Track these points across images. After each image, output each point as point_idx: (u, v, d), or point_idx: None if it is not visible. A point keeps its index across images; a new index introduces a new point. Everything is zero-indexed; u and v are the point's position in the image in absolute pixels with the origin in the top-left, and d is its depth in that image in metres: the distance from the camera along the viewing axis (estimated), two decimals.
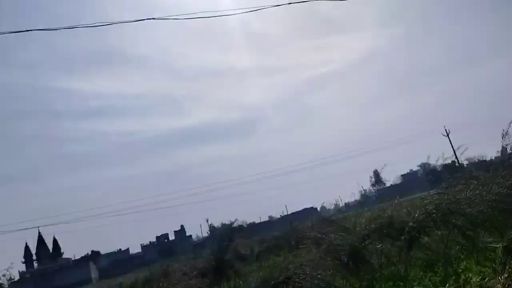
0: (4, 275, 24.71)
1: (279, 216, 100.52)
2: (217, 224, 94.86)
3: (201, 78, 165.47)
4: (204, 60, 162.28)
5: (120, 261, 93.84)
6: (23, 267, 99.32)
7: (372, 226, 9.34)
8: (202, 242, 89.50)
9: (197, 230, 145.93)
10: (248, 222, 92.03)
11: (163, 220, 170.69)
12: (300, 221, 34.43)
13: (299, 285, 7.33)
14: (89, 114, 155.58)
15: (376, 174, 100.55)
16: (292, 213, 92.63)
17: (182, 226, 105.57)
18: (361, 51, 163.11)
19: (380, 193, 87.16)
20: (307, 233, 12.13)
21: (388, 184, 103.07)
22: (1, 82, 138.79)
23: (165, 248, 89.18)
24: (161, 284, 8.43)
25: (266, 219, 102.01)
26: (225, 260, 10.19)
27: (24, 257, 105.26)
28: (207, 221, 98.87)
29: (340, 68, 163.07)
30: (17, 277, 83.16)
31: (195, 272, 9.48)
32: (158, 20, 10.29)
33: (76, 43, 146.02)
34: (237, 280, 9.27)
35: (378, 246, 9.08)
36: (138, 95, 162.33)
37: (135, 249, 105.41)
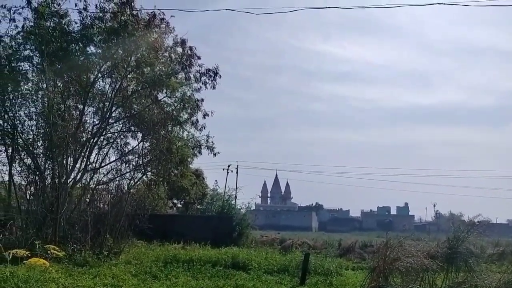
0: (248, 203, 29.77)
1: None
2: (444, 212, 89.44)
3: (456, 55, 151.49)
4: (461, 36, 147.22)
5: (339, 219, 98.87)
6: (259, 200, 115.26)
7: None
8: (424, 226, 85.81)
9: (421, 212, 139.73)
10: (480, 219, 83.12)
11: (387, 192, 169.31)
12: None
13: None
14: (335, 78, 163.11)
15: None
16: None
17: (406, 203, 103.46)
18: None
19: None
20: None
21: None
22: (271, 38, 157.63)
23: (384, 221, 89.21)
24: (393, 253, 8.97)
25: (504, 222, 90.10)
26: (458, 251, 9.96)
27: (261, 192, 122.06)
28: (434, 206, 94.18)
29: None
30: (253, 208, 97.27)
31: (424, 253, 9.64)
32: None
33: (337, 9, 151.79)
34: (471, 274, 9.02)
35: None
36: (385, 65, 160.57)
37: (355, 213, 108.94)
